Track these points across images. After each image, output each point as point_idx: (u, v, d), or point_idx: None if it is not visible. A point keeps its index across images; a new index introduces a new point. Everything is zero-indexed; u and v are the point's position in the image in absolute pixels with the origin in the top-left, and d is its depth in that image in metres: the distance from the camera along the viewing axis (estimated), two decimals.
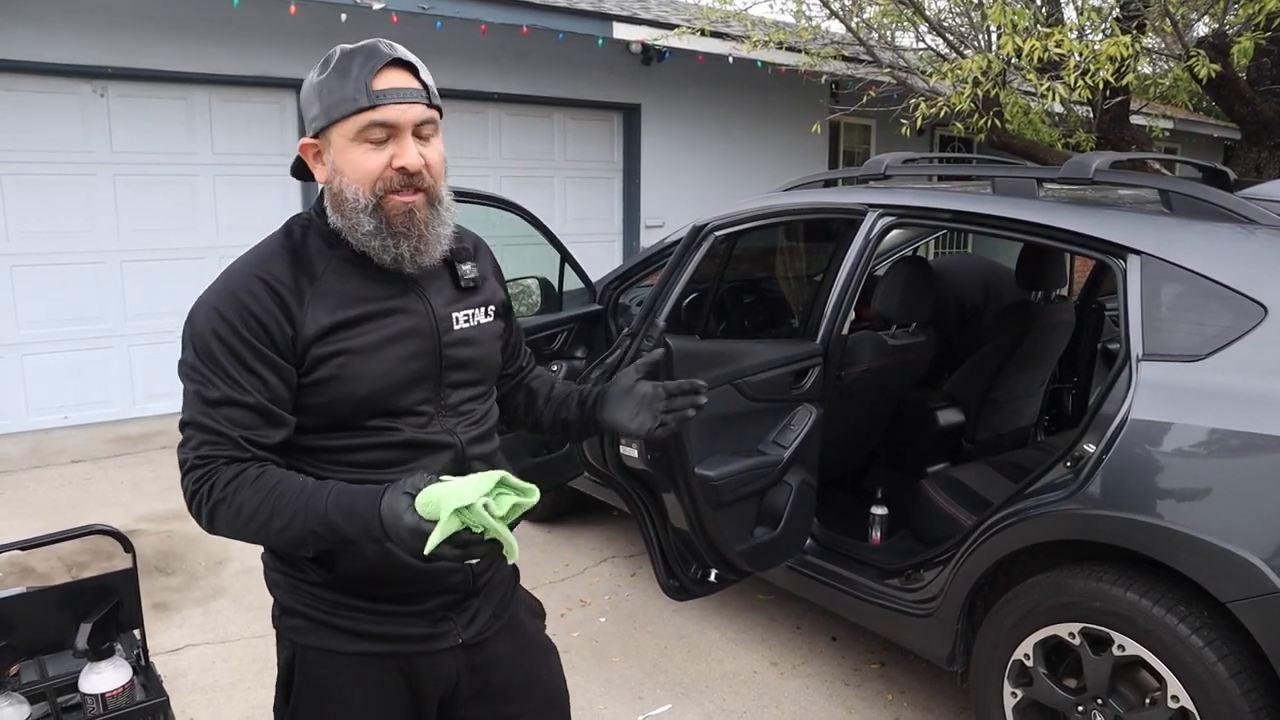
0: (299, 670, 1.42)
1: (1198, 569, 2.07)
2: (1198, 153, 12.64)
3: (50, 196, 5.59)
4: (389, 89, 1.25)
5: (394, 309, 1.34)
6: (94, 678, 1.22)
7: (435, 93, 1.32)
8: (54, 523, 4.30)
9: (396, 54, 1.28)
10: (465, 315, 1.41)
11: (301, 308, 1.27)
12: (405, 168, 1.27)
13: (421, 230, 1.30)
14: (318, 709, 1.41)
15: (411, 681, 1.43)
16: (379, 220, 1.28)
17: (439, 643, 1.43)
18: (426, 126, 1.30)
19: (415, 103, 1.27)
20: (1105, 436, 2.24)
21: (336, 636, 1.39)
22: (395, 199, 1.28)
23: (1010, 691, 2.47)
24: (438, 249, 1.34)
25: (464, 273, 1.42)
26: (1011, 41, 4.94)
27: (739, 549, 2.79)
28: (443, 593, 1.41)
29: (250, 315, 1.26)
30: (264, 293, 1.27)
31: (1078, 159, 2.74)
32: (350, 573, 1.35)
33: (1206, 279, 2.24)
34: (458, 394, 1.40)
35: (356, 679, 1.40)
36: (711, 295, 3.30)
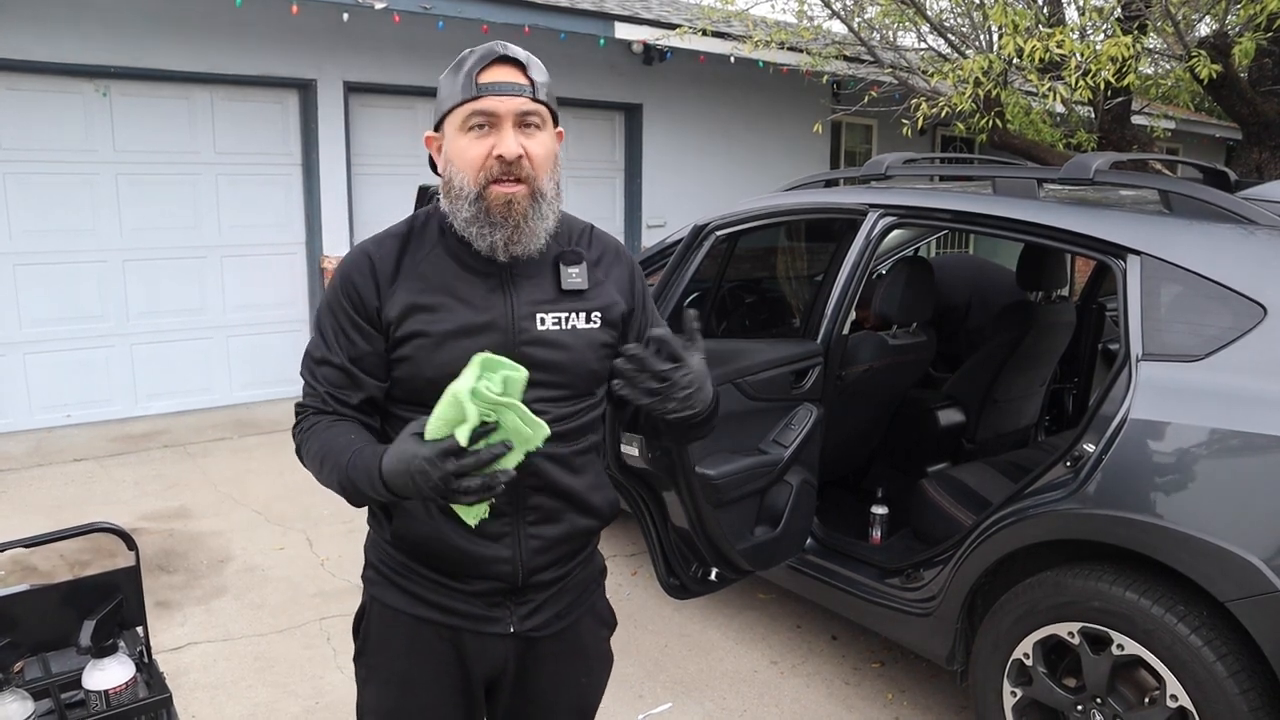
0: (368, 618, 1.53)
1: (1197, 568, 2.07)
2: (1199, 153, 12.64)
3: (53, 195, 5.61)
4: (492, 82, 1.32)
5: (474, 301, 1.38)
6: (97, 674, 1.23)
7: (545, 89, 1.37)
8: (56, 521, 4.31)
9: (507, 52, 1.35)
10: (556, 318, 1.42)
11: (393, 286, 1.38)
12: (503, 155, 1.32)
13: (519, 221, 1.34)
14: (377, 657, 1.51)
15: (461, 654, 1.48)
16: (479, 208, 1.34)
17: (490, 626, 1.47)
18: (531, 118, 1.35)
19: (516, 95, 1.33)
20: (1105, 436, 2.25)
21: (397, 594, 1.47)
22: (496, 189, 1.33)
23: (1010, 690, 2.48)
24: (534, 242, 1.37)
25: (568, 275, 1.43)
26: (1013, 42, 4.94)
27: (739, 548, 2.80)
28: (489, 578, 1.44)
29: (351, 285, 1.39)
30: (366, 267, 1.39)
31: (1078, 159, 2.74)
32: (406, 536, 1.42)
33: (1206, 279, 2.25)
34: (532, 392, 1.37)
35: (410, 638, 1.47)
36: (713, 295, 3.30)
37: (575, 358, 1.43)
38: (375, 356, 1.39)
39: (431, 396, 1.27)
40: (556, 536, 1.47)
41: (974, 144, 9.86)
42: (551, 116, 1.40)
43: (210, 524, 4.34)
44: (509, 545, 1.43)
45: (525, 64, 1.35)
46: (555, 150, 1.40)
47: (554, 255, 1.44)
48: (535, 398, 1.35)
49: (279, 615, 3.47)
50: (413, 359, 1.37)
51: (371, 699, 1.55)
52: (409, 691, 1.50)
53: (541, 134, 1.37)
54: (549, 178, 1.38)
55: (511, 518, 1.42)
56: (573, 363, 1.43)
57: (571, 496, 1.47)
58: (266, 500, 4.63)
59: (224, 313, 6.32)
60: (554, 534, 1.47)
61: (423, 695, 1.50)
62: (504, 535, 1.42)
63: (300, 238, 6.50)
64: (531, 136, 1.35)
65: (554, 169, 1.40)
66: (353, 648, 1.58)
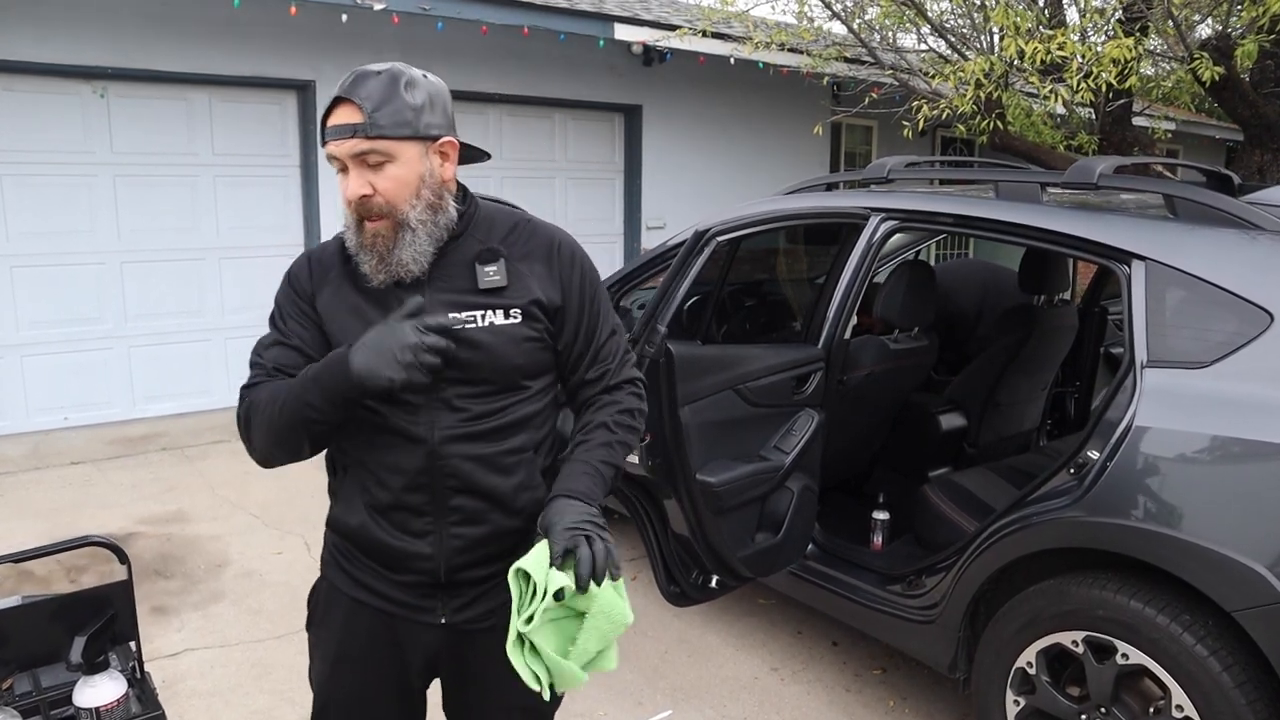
0: (318, 594, 1.65)
1: (1203, 578, 2.05)
2: (1199, 154, 12.63)
3: (51, 197, 5.58)
4: (332, 126, 1.39)
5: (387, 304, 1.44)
6: (88, 691, 1.21)
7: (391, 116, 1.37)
8: (53, 524, 4.29)
9: (343, 92, 1.38)
10: (471, 316, 1.45)
11: (323, 288, 1.49)
12: (347, 199, 1.40)
13: (383, 253, 1.41)
14: (322, 632, 1.64)
15: (395, 636, 1.57)
16: (359, 239, 1.43)
17: (422, 615, 1.55)
18: (370, 158, 1.38)
19: (346, 139, 1.37)
20: (1109, 443, 2.23)
21: (341, 576, 1.59)
22: (368, 224, 1.42)
23: (1013, 699, 2.46)
24: (404, 269, 1.42)
25: (485, 273, 1.47)
26: (1014, 43, 4.92)
27: (740, 555, 2.78)
28: (414, 572, 1.52)
29: (297, 281, 1.52)
30: (306, 271, 1.52)
31: (1082, 163, 2.72)
32: (339, 524, 1.55)
33: (1212, 285, 2.23)
34: (452, 389, 1.45)
35: (350, 616, 1.58)
36: (713, 299, 3.29)
37: (494, 354, 1.46)
38: (319, 344, 1.49)
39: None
40: (479, 537, 1.51)
41: (974, 146, 9.84)
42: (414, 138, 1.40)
43: (208, 528, 4.31)
44: (431, 544, 1.50)
45: (361, 102, 1.36)
46: (420, 173, 1.41)
47: (473, 254, 1.48)
48: (456, 394, 1.44)
49: (277, 621, 3.45)
50: None
51: (316, 667, 1.66)
52: (343, 665, 1.60)
53: (391, 166, 1.39)
54: (412, 205, 1.41)
55: (434, 517, 1.48)
56: (492, 359, 1.46)
57: (495, 497, 1.50)
58: (264, 504, 4.61)
59: (222, 315, 6.30)
60: (477, 534, 1.51)
61: (356, 671, 1.59)
62: (427, 533, 1.49)
63: (298, 239, 6.47)
64: (381, 171, 1.39)
65: (419, 193, 1.41)
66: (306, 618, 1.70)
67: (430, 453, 1.45)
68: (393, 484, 1.47)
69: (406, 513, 1.49)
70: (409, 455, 1.46)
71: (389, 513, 1.49)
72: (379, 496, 1.49)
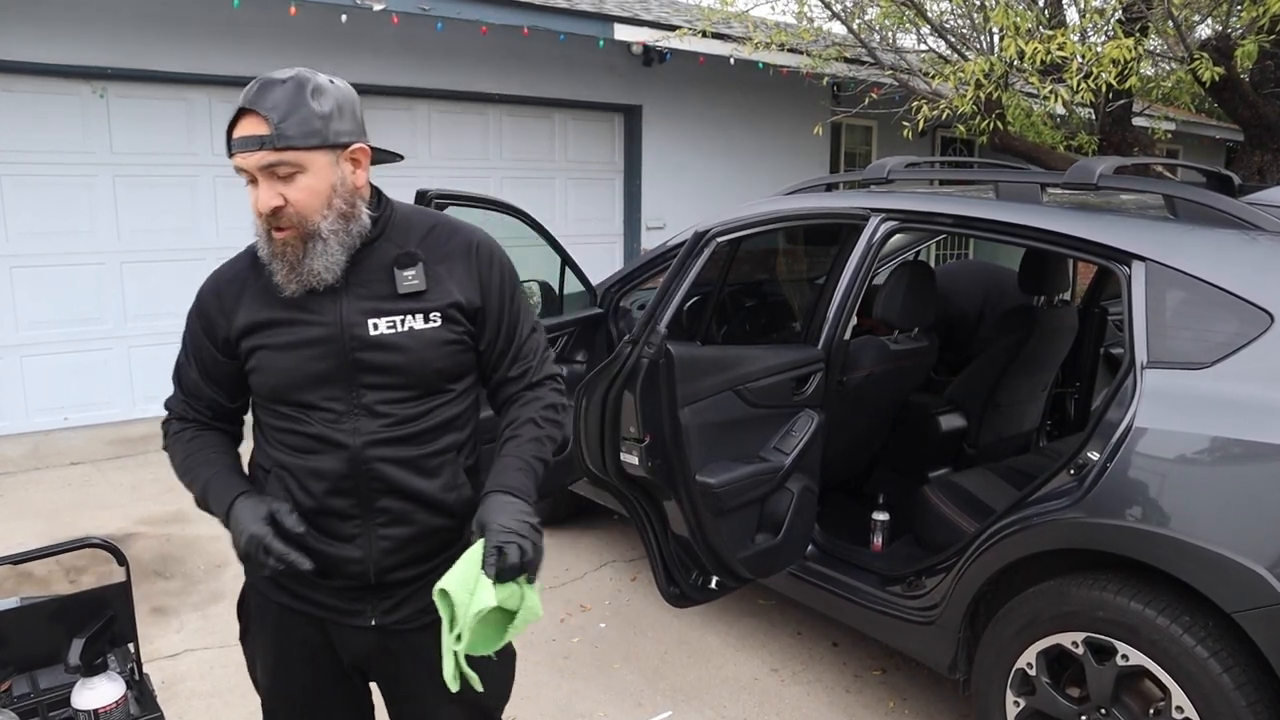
0: (247, 602, 1.66)
1: (1203, 579, 2.05)
2: (1199, 154, 12.63)
3: (50, 197, 5.58)
4: (237, 139, 1.36)
5: (302, 315, 1.45)
6: (87, 693, 1.20)
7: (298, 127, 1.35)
8: (53, 525, 4.29)
9: (248, 103, 1.35)
10: (391, 321, 1.46)
11: (237, 305, 1.49)
12: (257, 211, 1.38)
13: (293, 262, 1.41)
14: (257, 639, 1.64)
15: (328, 639, 1.59)
16: (270, 250, 1.43)
17: (351, 619, 1.55)
18: (278, 169, 1.36)
19: (253, 151, 1.35)
20: (1109, 444, 2.23)
21: (268, 584, 1.57)
22: (276, 234, 1.41)
23: (1013, 700, 2.46)
24: (315, 278, 1.42)
25: (403, 278, 1.46)
26: (1014, 44, 4.92)
27: (740, 556, 2.78)
28: (344, 576, 1.53)
29: (204, 307, 1.53)
30: (213, 292, 1.52)
31: (1082, 164, 2.72)
32: None
33: (1212, 286, 2.23)
34: (374, 395, 1.46)
35: (281, 624, 1.59)
36: (713, 300, 3.28)
37: (415, 358, 1.47)
38: (224, 370, 1.52)
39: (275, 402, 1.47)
40: (407, 537, 1.52)
41: (974, 146, 9.84)
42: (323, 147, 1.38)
43: (207, 528, 4.31)
44: (360, 546, 1.50)
45: (267, 113, 1.34)
46: (331, 182, 1.39)
47: (391, 258, 1.47)
48: (378, 400, 1.45)
49: None
50: (259, 369, 1.48)
51: (257, 675, 1.67)
52: (282, 670, 1.62)
53: (302, 177, 1.37)
54: (324, 215, 1.40)
55: (361, 520, 1.49)
56: (412, 363, 1.47)
57: (421, 498, 1.51)
58: None
59: None
60: (405, 535, 1.52)
61: (294, 674, 1.61)
62: (355, 537, 1.50)
63: None
64: (291, 182, 1.37)
65: (330, 202, 1.40)
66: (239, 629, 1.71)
67: (353, 458, 1.46)
68: (316, 489, 1.48)
69: (333, 517, 1.49)
70: (332, 460, 1.46)
71: (315, 518, 1.49)
72: (303, 502, 1.49)
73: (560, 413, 1.63)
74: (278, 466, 1.50)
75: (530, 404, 1.59)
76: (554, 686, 3.07)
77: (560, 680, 3.11)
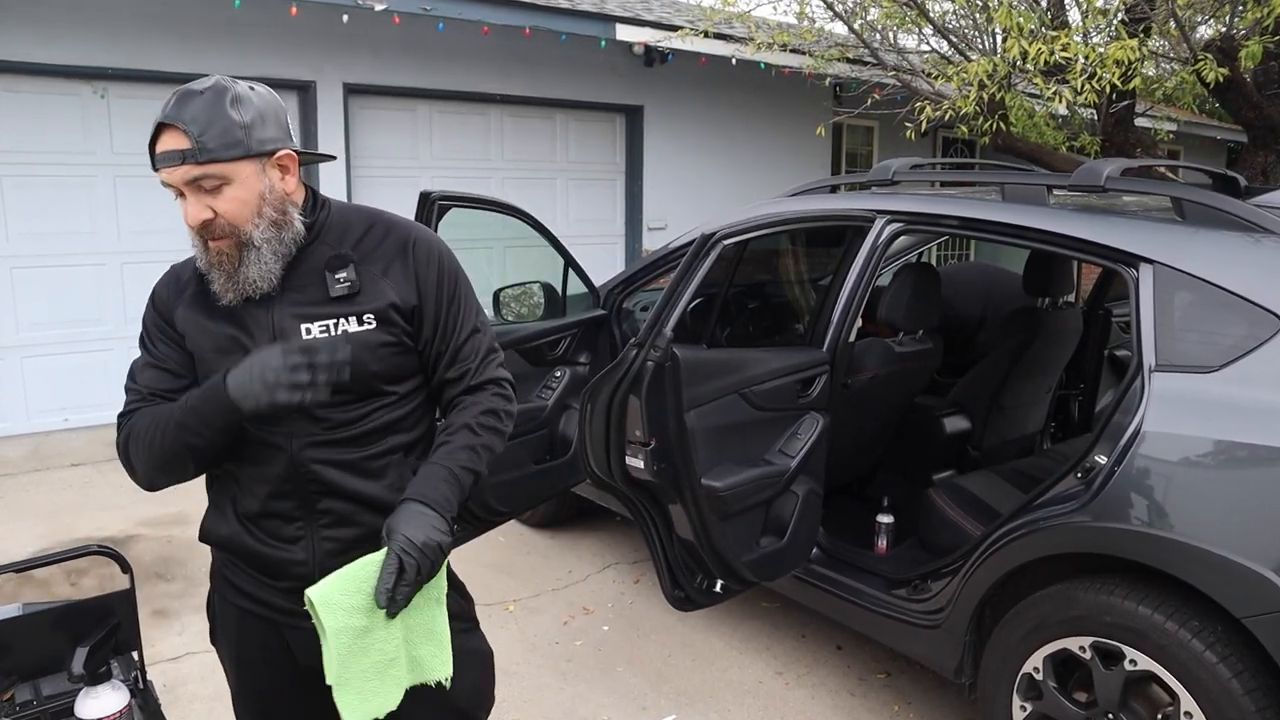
0: (212, 606, 1.66)
1: (1212, 583, 2.04)
2: (1201, 155, 12.62)
3: (51, 198, 5.57)
4: (160, 154, 1.34)
5: (232, 325, 1.45)
6: (90, 702, 1.19)
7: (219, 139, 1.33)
8: (53, 527, 4.27)
9: (166, 118, 1.34)
10: (324, 325, 1.44)
11: (177, 307, 1.49)
12: (189, 224, 1.37)
13: (230, 271, 1.40)
14: (220, 643, 1.66)
15: (285, 642, 1.57)
16: (206, 260, 1.42)
17: (303, 621, 1.48)
18: (206, 180, 1.34)
19: (177, 165, 1.33)
20: (1117, 448, 2.22)
21: (228, 588, 1.59)
22: (212, 244, 1.40)
23: (1019, 705, 2.45)
24: (252, 286, 1.41)
25: (334, 281, 1.45)
26: (1018, 44, 4.91)
27: (745, 559, 2.76)
28: (290, 578, 1.50)
29: (159, 300, 1.53)
30: (165, 288, 1.54)
31: (1089, 165, 2.71)
32: (211, 535, 1.55)
33: (1220, 289, 2.22)
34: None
35: (241, 626, 1.59)
36: (718, 303, 3.27)
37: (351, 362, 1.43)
38: (183, 360, 1.50)
39: None
40: (353, 538, 1.51)
41: (975, 147, 9.83)
42: (247, 157, 1.37)
43: None
44: (304, 548, 1.50)
45: (186, 126, 1.32)
46: (259, 191, 1.38)
47: (323, 261, 1.46)
48: (315, 404, 1.40)
49: None
50: (200, 369, 1.48)
51: (227, 678, 1.69)
52: (244, 672, 1.63)
53: (229, 189, 1.36)
54: (255, 223, 1.39)
55: (304, 522, 1.48)
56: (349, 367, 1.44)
57: (363, 500, 1.50)
58: None
59: None
60: (350, 535, 1.51)
61: (256, 676, 1.62)
62: (299, 539, 1.49)
63: None
64: (218, 194, 1.36)
65: (260, 211, 1.39)
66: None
67: (291, 461, 1.46)
68: (259, 492, 1.48)
69: (276, 520, 1.49)
70: (271, 464, 1.46)
71: (259, 520, 1.49)
72: (247, 505, 1.50)
73: (502, 419, 1.58)
74: (222, 472, 1.51)
75: (468, 409, 1.55)
76: (557, 690, 3.05)
77: (563, 683, 3.09)
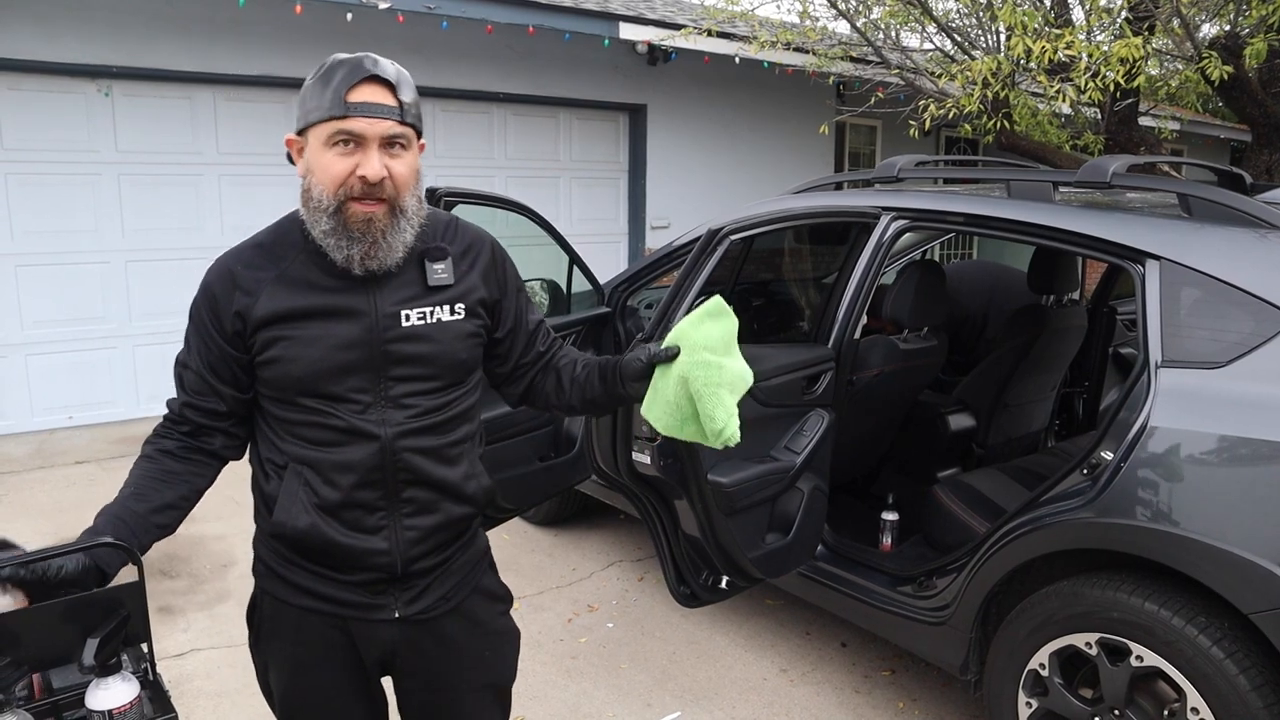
0: (259, 609, 1.61)
1: (1219, 579, 2.04)
2: (1204, 154, 12.61)
3: (55, 196, 5.58)
4: (361, 102, 1.34)
5: (338, 304, 1.43)
6: (101, 694, 1.19)
7: (413, 112, 1.40)
8: (58, 524, 4.28)
9: (377, 70, 1.36)
10: (421, 313, 1.47)
11: (255, 296, 1.42)
12: (365, 177, 1.35)
13: (377, 237, 1.39)
14: (271, 645, 1.60)
15: (350, 639, 1.56)
16: (337, 222, 1.38)
17: (375, 613, 1.54)
18: (397, 140, 1.38)
19: (385, 119, 1.36)
20: (1124, 444, 2.21)
21: (285, 588, 1.54)
22: (356, 206, 1.37)
23: (1025, 701, 2.44)
24: (391, 256, 1.42)
25: (434, 271, 1.48)
26: (1022, 43, 4.91)
27: (751, 556, 2.77)
28: (370, 569, 1.50)
29: (212, 297, 1.45)
30: (228, 280, 1.44)
31: (1094, 163, 2.70)
32: (285, 529, 1.47)
33: (1227, 284, 2.21)
34: (401, 387, 1.47)
35: (300, 627, 1.55)
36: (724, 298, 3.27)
37: (443, 349, 1.49)
38: (233, 365, 1.46)
39: (298, 394, 1.42)
40: (432, 526, 1.53)
41: (978, 145, 9.82)
42: (418, 131, 1.44)
43: (213, 528, 4.30)
44: (386, 538, 1.49)
45: (395, 84, 1.37)
46: (417, 165, 1.44)
47: (419, 252, 1.48)
48: (407, 391, 1.46)
49: None
50: (280, 360, 1.42)
51: (271, 684, 1.62)
52: (301, 674, 1.58)
53: (407, 154, 1.41)
54: (411, 195, 1.43)
55: (387, 511, 1.48)
56: (440, 354, 1.49)
57: (445, 487, 1.52)
58: None
59: None
60: (430, 524, 1.52)
61: (315, 676, 1.58)
62: (381, 528, 1.48)
63: None
64: (397, 157, 1.39)
65: (416, 184, 1.45)
66: (249, 638, 1.66)
67: (383, 449, 1.46)
68: (343, 482, 1.46)
69: (359, 510, 1.48)
70: (361, 452, 1.45)
71: (339, 511, 1.47)
72: (327, 496, 1.46)
73: None
74: (296, 462, 1.46)
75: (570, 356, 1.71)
76: (562, 687, 3.06)
77: (568, 681, 3.10)
